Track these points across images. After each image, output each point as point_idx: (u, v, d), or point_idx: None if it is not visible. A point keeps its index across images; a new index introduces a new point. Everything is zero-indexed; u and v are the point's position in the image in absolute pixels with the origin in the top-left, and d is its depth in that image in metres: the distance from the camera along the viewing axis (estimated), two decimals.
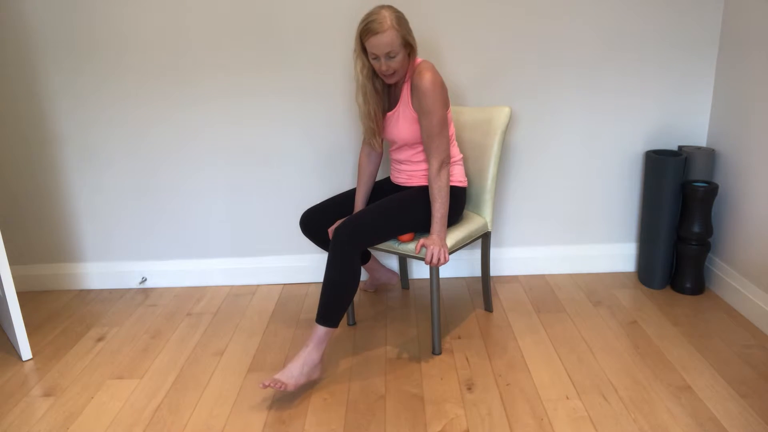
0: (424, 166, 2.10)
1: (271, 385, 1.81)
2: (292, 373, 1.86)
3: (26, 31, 2.43)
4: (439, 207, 1.97)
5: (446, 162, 1.98)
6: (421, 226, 2.05)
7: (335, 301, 1.89)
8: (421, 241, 1.98)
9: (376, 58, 1.90)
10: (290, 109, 2.54)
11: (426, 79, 1.91)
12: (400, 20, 1.87)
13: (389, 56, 1.88)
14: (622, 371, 1.97)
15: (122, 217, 2.69)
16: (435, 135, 1.95)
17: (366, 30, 1.86)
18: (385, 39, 1.84)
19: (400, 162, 2.15)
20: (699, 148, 2.48)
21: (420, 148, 2.07)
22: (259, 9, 2.40)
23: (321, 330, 1.91)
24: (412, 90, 1.97)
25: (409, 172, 2.13)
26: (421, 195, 2.05)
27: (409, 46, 1.91)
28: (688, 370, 1.96)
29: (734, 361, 2.00)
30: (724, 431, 1.67)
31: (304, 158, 2.61)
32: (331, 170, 2.62)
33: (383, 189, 2.28)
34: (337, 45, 2.45)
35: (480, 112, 2.28)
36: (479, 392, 1.89)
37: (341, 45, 2.44)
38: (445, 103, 1.97)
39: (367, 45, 1.88)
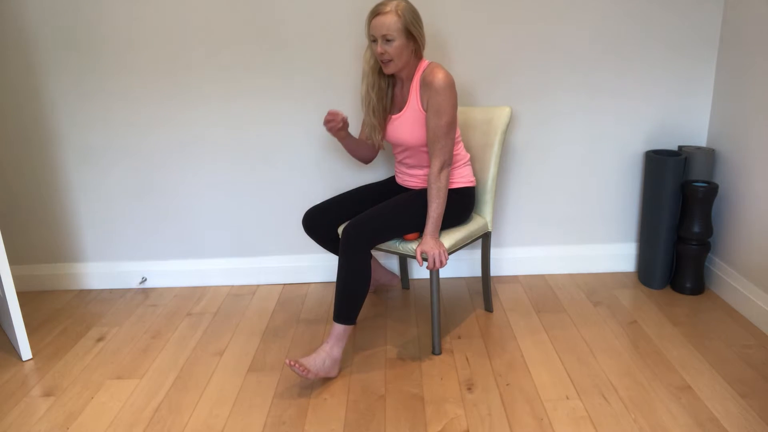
0: None
1: (296, 366, 1.84)
2: (316, 363, 1.90)
3: (27, 31, 2.43)
4: (436, 207, 1.97)
5: (448, 164, 1.99)
6: None
7: (349, 299, 1.93)
8: (419, 248, 1.97)
9: (375, 40, 1.93)
10: (290, 109, 2.54)
11: (439, 78, 1.92)
12: (407, 10, 1.89)
13: (386, 39, 1.90)
14: (622, 371, 1.97)
15: (122, 216, 2.69)
16: (441, 136, 1.95)
17: (371, 12, 1.92)
18: (384, 20, 1.88)
19: (411, 167, 2.15)
20: (699, 148, 2.48)
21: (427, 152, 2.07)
22: (261, 9, 2.40)
23: (339, 328, 1.95)
24: (421, 88, 1.98)
25: (422, 176, 2.13)
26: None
27: (411, 38, 1.92)
28: (688, 370, 1.96)
29: (734, 361, 2.00)
30: (724, 431, 1.67)
31: (304, 158, 2.61)
32: (331, 170, 2.62)
33: (389, 189, 2.28)
34: (339, 46, 2.44)
35: (481, 112, 2.28)
36: (479, 392, 1.89)
37: (343, 46, 2.44)
38: (455, 105, 1.97)
39: (370, 27, 1.92)
